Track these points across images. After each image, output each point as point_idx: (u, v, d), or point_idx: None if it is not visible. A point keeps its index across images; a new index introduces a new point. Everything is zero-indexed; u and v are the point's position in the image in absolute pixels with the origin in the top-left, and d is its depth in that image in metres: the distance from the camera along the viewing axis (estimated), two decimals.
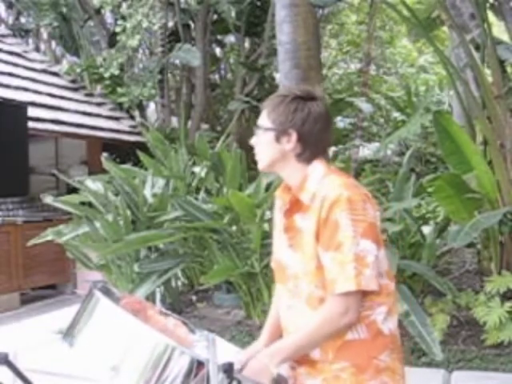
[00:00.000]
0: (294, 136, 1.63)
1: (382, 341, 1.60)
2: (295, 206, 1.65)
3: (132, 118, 10.06)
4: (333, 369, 1.59)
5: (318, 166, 1.66)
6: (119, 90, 9.56)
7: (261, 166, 1.73)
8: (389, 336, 1.61)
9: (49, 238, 5.81)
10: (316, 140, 1.65)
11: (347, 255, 1.51)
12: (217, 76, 12.80)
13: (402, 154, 9.41)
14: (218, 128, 11.14)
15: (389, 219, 4.73)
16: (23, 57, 9.64)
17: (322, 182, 1.61)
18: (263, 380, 1.54)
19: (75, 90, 9.75)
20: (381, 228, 1.65)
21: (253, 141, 1.73)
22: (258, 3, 10.34)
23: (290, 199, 1.66)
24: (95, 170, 7.70)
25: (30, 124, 6.93)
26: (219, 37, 11.68)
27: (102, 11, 10.16)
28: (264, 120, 1.69)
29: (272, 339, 1.81)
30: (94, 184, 6.20)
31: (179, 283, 6.16)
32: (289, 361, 1.64)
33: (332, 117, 1.75)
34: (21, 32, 11.93)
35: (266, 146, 1.68)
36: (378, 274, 1.56)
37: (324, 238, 1.55)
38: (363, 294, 1.55)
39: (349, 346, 1.57)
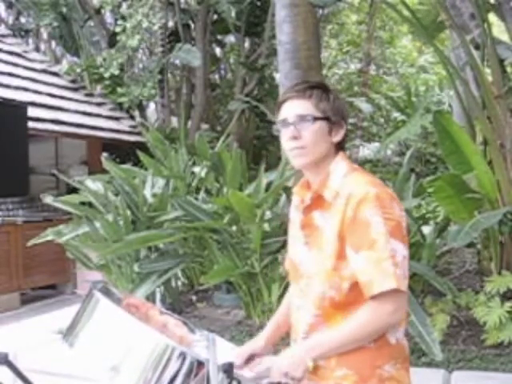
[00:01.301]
0: (345, 128, 1.61)
1: (387, 350, 1.55)
2: (316, 202, 1.59)
3: (132, 118, 10.07)
4: (334, 376, 1.54)
5: (340, 163, 1.60)
6: (119, 90, 9.57)
7: (306, 161, 1.58)
8: (395, 346, 1.57)
9: (49, 237, 5.82)
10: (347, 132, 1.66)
11: (383, 252, 1.44)
12: (217, 76, 12.82)
13: (402, 154, 9.42)
14: (218, 128, 11.15)
15: None
16: (23, 57, 9.65)
17: (344, 179, 1.55)
18: (297, 373, 1.49)
19: (75, 89, 9.75)
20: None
21: (288, 136, 1.58)
22: (258, 3, 10.35)
23: (311, 195, 1.60)
24: (95, 169, 7.71)
25: (30, 124, 6.92)
26: (219, 37, 11.69)
27: (102, 11, 10.18)
28: (309, 110, 1.57)
29: (274, 336, 1.79)
30: (94, 184, 6.21)
31: (179, 283, 6.16)
32: (325, 357, 1.54)
33: None
34: (21, 32, 11.94)
35: (318, 138, 1.56)
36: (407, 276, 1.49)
37: (354, 238, 1.48)
38: None
39: (352, 354, 1.52)
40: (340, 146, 1.63)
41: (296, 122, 1.57)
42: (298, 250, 1.65)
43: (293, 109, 1.58)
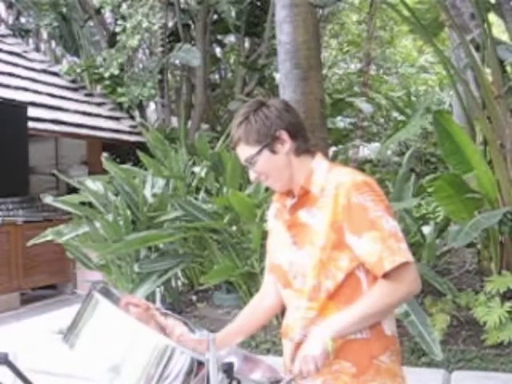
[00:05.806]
0: (284, 133, 1.64)
1: (383, 341, 1.59)
2: (302, 199, 1.65)
3: (132, 118, 10.07)
4: (332, 370, 1.57)
5: (321, 162, 1.68)
6: (119, 89, 9.56)
7: (280, 186, 1.70)
8: (390, 337, 1.61)
9: (49, 238, 5.81)
10: (298, 127, 1.68)
11: (384, 231, 1.52)
12: (217, 76, 12.80)
13: (402, 154, 9.40)
14: (218, 128, 11.13)
15: None
16: (23, 57, 9.65)
17: (328, 174, 1.64)
18: (316, 352, 1.48)
19: (75, 90, 9.75)
20: None
21: (253, 177, 1.70)
22: (258, 3, 10.35)
23: (299, 192, 1.66)
24: (95, 169, 7.71)
25: (30, 124, 6.90)
26: (219, 37, 11.68)
27: (102, 11, 10.17)
28: (249, 151, 1.65)
29: (243, 329, 1.84)
30: (93, 184, 6.20)
31: (179, 283, 6.16)
32: (344, 334, 1.54)
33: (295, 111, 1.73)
34: (21, 32, 11.92)
35: (270, 164, 1.65)
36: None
37: (353, 224, 1.54)
38: None
39: (350, 346, 1.56)
40: (302, 146, 1.67)
41: (249, 166, 1.68)
42: (286, 253, 1.69)
43: (240, 157, 1.69)
